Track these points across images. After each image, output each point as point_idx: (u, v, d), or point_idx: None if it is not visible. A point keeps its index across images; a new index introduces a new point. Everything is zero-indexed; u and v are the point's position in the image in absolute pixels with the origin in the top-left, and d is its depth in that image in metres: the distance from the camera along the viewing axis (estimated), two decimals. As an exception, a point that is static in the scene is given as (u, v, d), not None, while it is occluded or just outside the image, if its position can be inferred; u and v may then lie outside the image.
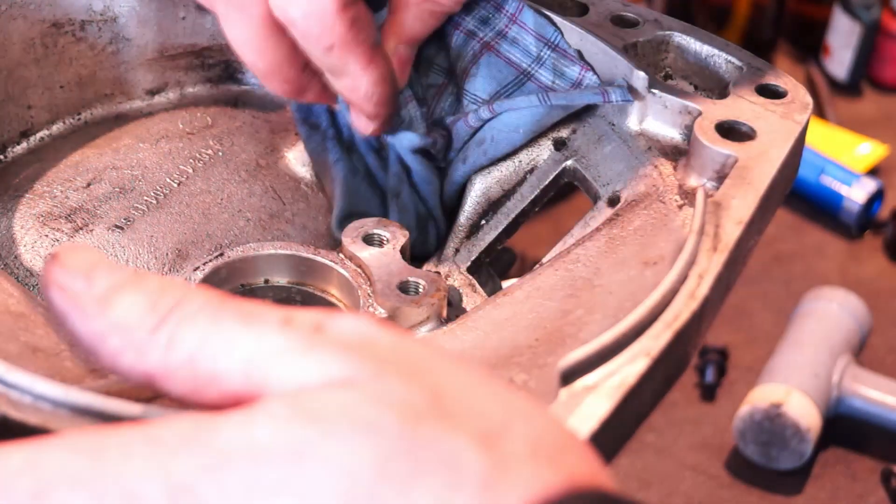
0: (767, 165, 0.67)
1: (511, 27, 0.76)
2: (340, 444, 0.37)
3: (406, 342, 0.42)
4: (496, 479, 0.37)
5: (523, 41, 0.76)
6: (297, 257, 0.71)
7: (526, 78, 0.76)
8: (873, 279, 1.64)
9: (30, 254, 0.71)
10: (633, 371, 0.54)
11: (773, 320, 1.53)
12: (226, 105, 0.85)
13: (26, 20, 0.79)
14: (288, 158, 0.81)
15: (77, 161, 0.78)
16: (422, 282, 0.69)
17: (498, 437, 0.38)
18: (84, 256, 0.43)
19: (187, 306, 0.41)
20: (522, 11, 0.76)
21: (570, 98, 0.74)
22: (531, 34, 0.76)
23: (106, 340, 0.42)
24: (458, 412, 0.39)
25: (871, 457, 1.38)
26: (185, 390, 0.41)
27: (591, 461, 0.39)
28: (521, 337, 0.61)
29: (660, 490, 1.34)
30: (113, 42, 0.82)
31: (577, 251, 0.68)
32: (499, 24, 0.76)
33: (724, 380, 1.46)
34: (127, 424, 0.39)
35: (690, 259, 0.60)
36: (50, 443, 0.38)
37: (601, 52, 0.75)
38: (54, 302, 0.43)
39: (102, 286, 0.42)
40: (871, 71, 1.99)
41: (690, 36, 0.77)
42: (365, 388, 0.39)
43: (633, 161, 0.73)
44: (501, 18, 0.76)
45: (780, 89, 0.73)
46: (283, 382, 0.40)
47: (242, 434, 0.38)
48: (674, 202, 0.69)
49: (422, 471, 0.37)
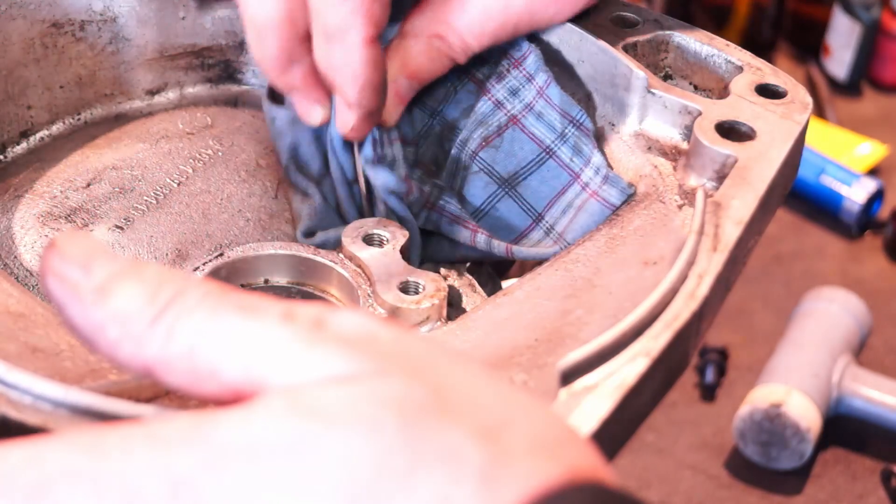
0: (767, 165, 0.67)
1: (538, 101, 0.75)
2: (340, 439, 0.37)
3: (407, 338, 0.42)
4: (496, 472, 0.37)
5: (548, 116, 0.75)
6: (297, 257, 0.71)
7: (547, 156, 0.75)
8: (873, 279, 1.64)
9: (30, 254, 0.71)
10: (633, 371, 0.54)
11: (773, 320, 1.53)
12: (226, 105, 0.85)
13: (26, 20, 0.79)
14: (288, 158, 0.81)
15: (77, 161, 0.78)
16: (422, 282, 0.69)
17: (498, 431, 0.38)
18: (82, 245, 0.43)
19: (187, 297, 0.41)
20: (550, 86, 0.75)
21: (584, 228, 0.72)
22: (556, 110, 0.75)
23: (104, 331, 0.41)
24: (459, 407, 0.39)
25: (871, 457, 1.38)
26: (183, 382, 0.41)
27: (591, 456, 0.39)
28: (521, 337, 0.61)
29: (660, 490, 1.34)
30: (113, 42, 0.82)
31: (577, 251, 0.68)
32: (528, 96, 0.76)
33: (724, 380, 1.46)
34: (127, 422, 0.39)
35: (690, 259, 0.60)
36: (50, 440, 0.38)
37: (601, 52, 0.75)
38: (52, 291, 0.42)
39: (101, 275, 0.42)
40: (871, 71, 1.99)
41: (690, 36, 0.77)
42: (365, 383, 0.39)
43: (633, 161, 0.73)
44: (531, 90, 0.76)
45: (780, 89, 0.73)
46: (283, 377, 0.40)
47: (242, 430, 0.38)
48: (674, 202, 0.69)
49: (422, 465, 0.37)
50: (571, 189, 0.74)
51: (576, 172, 0.74)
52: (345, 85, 0.69)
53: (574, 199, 0.74)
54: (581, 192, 0.73)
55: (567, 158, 0.75)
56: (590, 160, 0.73)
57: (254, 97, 0.86)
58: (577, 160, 0.74)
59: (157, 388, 0.55)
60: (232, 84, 0.86)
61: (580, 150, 0.74)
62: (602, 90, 0.76)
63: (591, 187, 0.73)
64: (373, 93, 0.70)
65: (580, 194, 0.73)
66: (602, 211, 0.71)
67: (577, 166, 0.74)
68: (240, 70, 0.86)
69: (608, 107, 0.76)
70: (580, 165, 0.74)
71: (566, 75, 0.76)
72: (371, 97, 0.70)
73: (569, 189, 0.74)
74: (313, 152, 0.76)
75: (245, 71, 0.86)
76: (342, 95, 0.70)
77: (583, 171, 0.74)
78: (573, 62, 0.77)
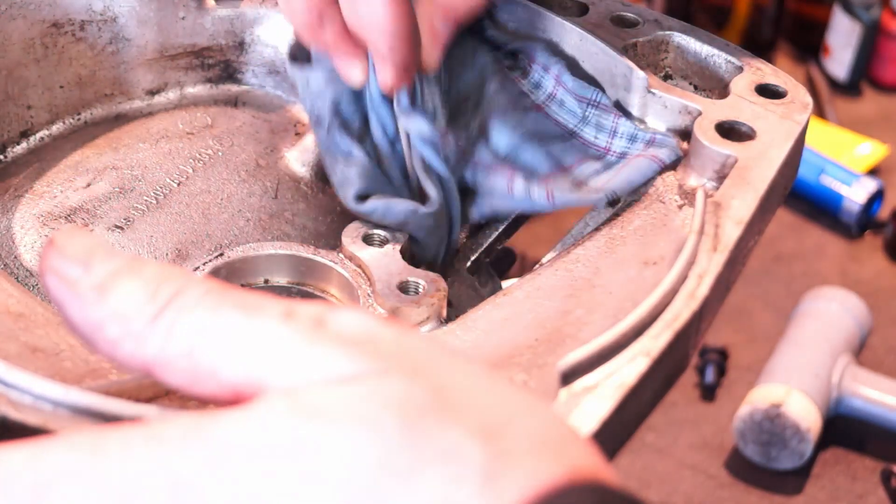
0: (767, 165, 0.67)
1: (558, 90, 0.76)
2: (342, 439, 0.37)
3: (407, 337, 0.42)
4: (498, 472, 0.37)
5: (569, 103, 0.76)
6: (296, 257, 0.71)
7: (571, 136, 0.76)
8: (873, 279, 1.64)
9: (30, 254, 0.71)
10: (633, 371, 0.54)
11: (773, 320, 1.53)
12: (226, 105, 0.85)
13: (26, 20, 0.79)
14: (288, 158, 0.81)
15: (77, 161, 0.78)
16: (422, 282, 0.69)
17: (499, 430, 0.38)
18: (81, 242, 0.42)
19: (187, 296, 0.41)
20: (563, 74, 0.76)
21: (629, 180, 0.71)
22: (573, 95, 0.76)
23: (104, 329, 0.41)
24: (460, 407, 0.38)
25: (871, 457, 1.38)
26: (183, 381, 0.41)
27: (592, 455, 0.39)
28: (521, 337, 0.61)
29: (660, 490, 1.34)
30: (113, 42, 0.82)
31: (577, 251, 0.68)
32: (549, 86, 0.76)
33: (724, 380, 1.46)
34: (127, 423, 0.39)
35: (690, 259, 0.60)
36: (51, 441, 0.38)
37: (601, 52, 0.75)
38: (51, 289, 0.42)
39: (100, 273, 0.42)
40: (871, 71, 1.99)
41: (690, 36, 0.77)
42: (366, 383, 0.39)
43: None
44: (550, 80, 0.76)
45: (780, 89, 0.73)
46: (283, 377, 0.39)
47: (243, 430, 0.38)
48: (674, 202, 0.69)
49: (423, 464, 0.37)
50: (604, 159, 0.74)
51: (604, 147, 0.75)
52: (374, 39, 0.69)
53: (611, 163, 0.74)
54: (618, 159, 0.73)
55: (591, 137, 0.75)
56: (615, 131, 0.74)
57: (254, 97, 0.86)
58: (602, 136, 0.75)
59: (158, 388, 0.55)
60: (232, 84, 0.86)
61: (602, 127, 0.75)
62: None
63: (634, 151, 0.73)
64: (404, 43, 0.69)
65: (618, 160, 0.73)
66: (650, 166, 0.71)
67: (602, 142, 0.75)
68: (240, 70, 0.86)
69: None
70: (606, 139, 0.74)
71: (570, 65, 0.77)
72: (402, 48, 0.69)
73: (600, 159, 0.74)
74: (354, 110, 0.76)
75: (245, 71, 0.86)
76: (373, 50, 0.70)
77: (611, 144, 0.74)
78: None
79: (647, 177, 0.70)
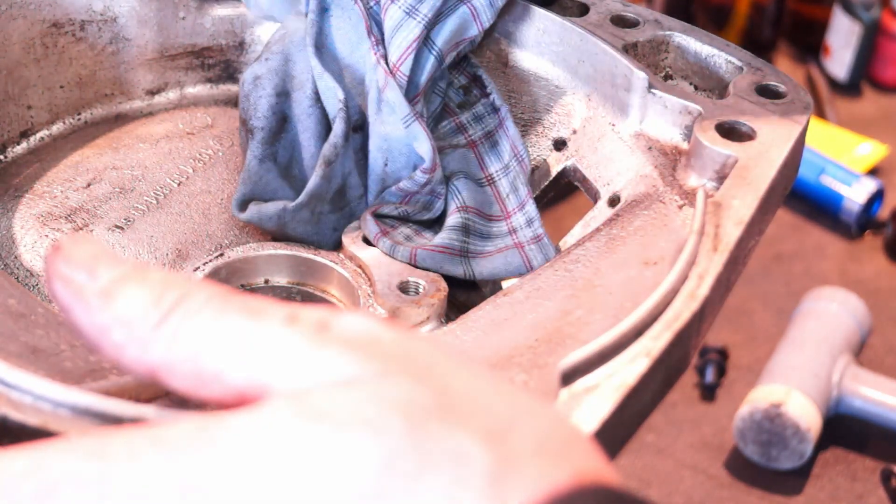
0: (767, 165, 0.67)
1: (498, 131, 0.77)
2: (347, 443, 0.37)
3: (411, 340, 0.42)
4: (503, 475, 0.37)
5: (502, 146, 0.77)
6: (297, 257, 0.71)
7: (487, 183, 0.76)
8: (873, 279, 1.64)
9: (30, 254, 0.71)
10: (634, 371, 0.54)
11: (773, 320, 1.53)
12: (226, 105, 0.85)
13: (26, 20, 0.79)
14: (288, 158, 0.80)
15: (77, 161, 0.78)
16: (422, 282, 0.69)
17: (504, 433, 0.38)
18: (87, 248, 0.43)
19: (192, 301, 0.41)
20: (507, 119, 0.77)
21: (494, 273, 0.73)
22: (508, 142, 0.77)
23: (109, 334, 0.41)
24: (464, 409, 0.38)
25: (871, 457, 1.38)
26: (188, 386, 0.41)
27: (597, 458, 0.39)
28: (521, 337, 0.61)
29: (660, 490, 1.34)
30: (113, 42, 0.82)
31: (577, 251, 0.68)
32: (490, 124, 0.78)
33: (724, 380, 1.46)
34: (131, 426, 0.39)
35: (690, 259, 0.60)
36: (54, 445, 0.38)
37: (601, 52, 0.75)
38: (57, 295, 0.42)
39: (105, 279, 0.42)
40: (871, 71, 1.99)
41: (690, 36, 0.77)
42: (370, 386, 0.39)
43: (633, 161, 0.73)
44: (494, 120, 0.78)
45: (780, 89, 0.73)
46: (288, 380, 0.40)
47: (249, 433, 0.38)
48: (674, 202, 0.69)
49: (428, 468, 0.36)
50: (497, 225, 0.75)
51: (508, 211, 0.75)
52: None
53: (498, 235, 0.75)
54: (507, 235, 0.74)
55: (504, 193, 0.76)
56: (524, 205, 0.75)
57: (254, 97, 0.86)
58: (512, 198, 0.75)
59: (158, 388, 0.55)
60: (232, 84, 0.86)
61: (516, 189, 0.75)
62: (602, 90, 0.76)
63: (518, 237, 0.74)
64: None
65: (505, 237, 0.74)
66: (519, 266, 0.73)
67: (511, 205, 0.75)
68: (240, 70, 0.86)
69: (608, 107, 0.76)
70: (514, 205, 0.75)
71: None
72: None
73: (496, 221, 0.75)
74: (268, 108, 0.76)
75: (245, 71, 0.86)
76: None
77: (514, 214, 0.75)
78: (573, 62, 0.77)
79: (510, 274, 0.72)
